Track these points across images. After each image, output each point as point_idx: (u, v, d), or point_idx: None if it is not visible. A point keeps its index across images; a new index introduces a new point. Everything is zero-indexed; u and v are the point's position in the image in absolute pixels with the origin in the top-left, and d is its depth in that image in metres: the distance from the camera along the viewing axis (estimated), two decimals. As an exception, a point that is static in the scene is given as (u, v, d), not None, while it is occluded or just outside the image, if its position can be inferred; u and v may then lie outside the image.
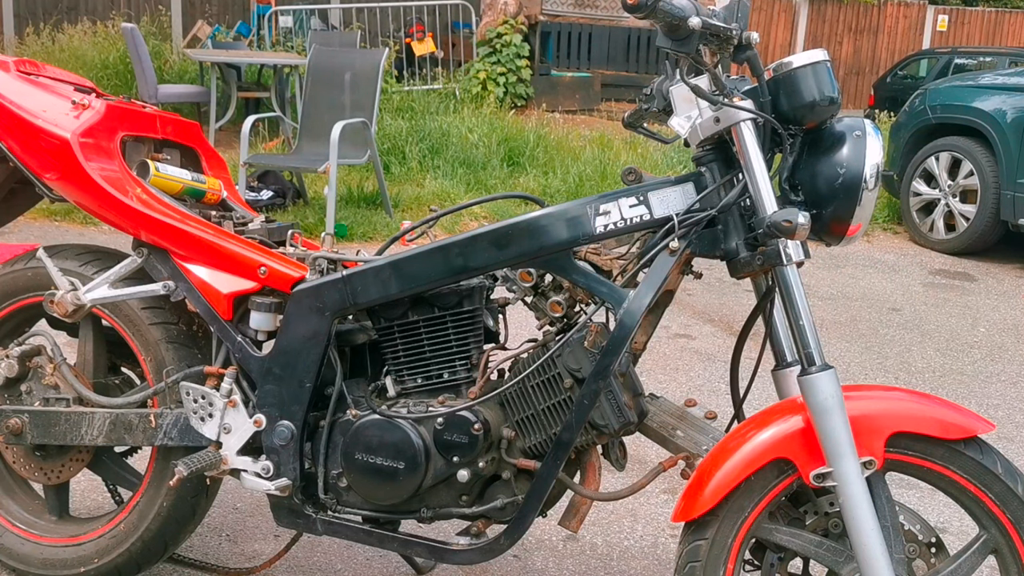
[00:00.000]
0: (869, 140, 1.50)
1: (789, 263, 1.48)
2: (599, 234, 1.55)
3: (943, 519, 2.60)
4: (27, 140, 1.79)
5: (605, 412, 1.58)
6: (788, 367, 1.64)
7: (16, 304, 1.95)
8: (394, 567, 2.22)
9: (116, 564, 1.91)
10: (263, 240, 1.82)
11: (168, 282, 1.78)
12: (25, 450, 1.96)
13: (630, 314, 1.51)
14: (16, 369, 1.90)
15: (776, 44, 14.88)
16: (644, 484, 1.66)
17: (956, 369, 3.97)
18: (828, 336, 4.28)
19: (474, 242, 1.59)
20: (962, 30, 15.79)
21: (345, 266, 1.71)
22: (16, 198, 2.10)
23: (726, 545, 1.52)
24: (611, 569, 2.30)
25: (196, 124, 2.09)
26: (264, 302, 1.72)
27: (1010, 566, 1.48)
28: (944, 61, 11.52)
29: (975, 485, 1.45)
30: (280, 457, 1.73)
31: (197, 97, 8.03)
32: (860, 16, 15.36)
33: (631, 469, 2.57)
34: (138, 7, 11.27)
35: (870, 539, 1.42)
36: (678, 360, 3.85)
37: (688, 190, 1.56)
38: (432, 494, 1.69)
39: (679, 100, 1.57)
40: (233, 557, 2.25)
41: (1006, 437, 3.21)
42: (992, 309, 4.95)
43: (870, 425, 1.45)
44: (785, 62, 1.51)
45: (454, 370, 1.70)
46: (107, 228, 4.84)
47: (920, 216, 6.39)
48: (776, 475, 1.50)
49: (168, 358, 1.82)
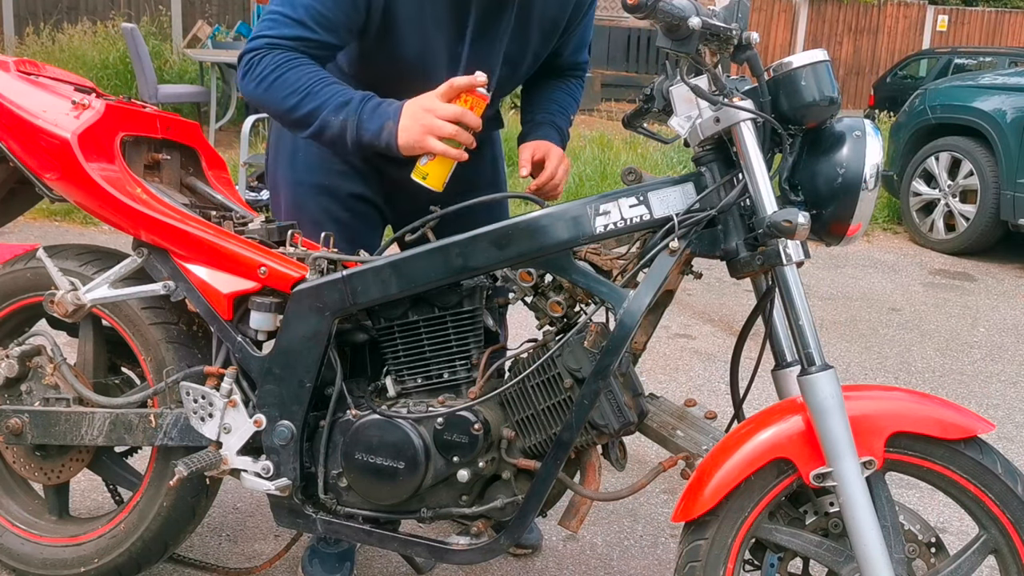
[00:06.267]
0: (869, 140, 1.50)
1: (789, 263, 1.47)
2: (599, 234, 1.55)
3: (943, 519, 2.60)
4: (27, 140, 1.79)
5: (605, 412, 1.58)
6: (788, 367, 1.64)
7: (16, 304, 1.95)
8: (394, 567, 2.22)
9: (116, 564, 1.91)
10: (263, 240, 1.82)
11: (168, 282, 1.78)
12: (25, 450, 1.96)
13: (630, 314, 1.51)
14: (16, 369, 1.90)
15: (776, 44, 14.89)
16: (644, 484, 1.66)
17: (956, 369, 3.97)
18: (828, 336, 4.28)
19: (474, 242, 1.59)
20: (962, 30, 15.80)
21: (345, 266, 1.71)
22: (16, 198, 2.10)
23: (726, 545, 1.52)
24: (611, 569, 2.30)
25: (196, 124, 2.09)
26: (264, 302, 1.72)
27: (1010, 566, 1.48)
28: (944, 61, 11.53)
29: (975, 485, 1.45)
30: (280, 457, 1.73)
31: (197, 97, 8.03)
32: (860, 16, 15.37)
33: (631, 469, 2.57)
34: (138, 7, 11.27)
35: (870, 539, 1.42)
36: (678, 360, 3.85)
37: (688, 190, 1.56)
38: (432, 494, 1.69)
39: (679, 100, 1.56)
40: (233, 557, 2.25)
41: (1006, 437, 3.22)
42: (992, 309, 4.95)
43: (870, 425, 1.45)
44: (785, 62, 1.51)
45: (454, 370, 1.70)
46: (107, 228, 4.84)
47: (920, 216, 6.40)
48: (776, 475, 1.50)
49: (168, 358, 1.82)
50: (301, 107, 1.67)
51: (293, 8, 1.69)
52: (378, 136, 1.65)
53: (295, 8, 1.69)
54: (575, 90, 2.12)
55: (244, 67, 1.72)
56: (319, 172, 1.93)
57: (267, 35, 1.70)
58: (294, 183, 1.96)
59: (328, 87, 1.67)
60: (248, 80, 1.71)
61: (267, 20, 1.71)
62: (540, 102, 2.07)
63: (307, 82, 1.66)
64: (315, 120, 1.66)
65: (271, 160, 2.03)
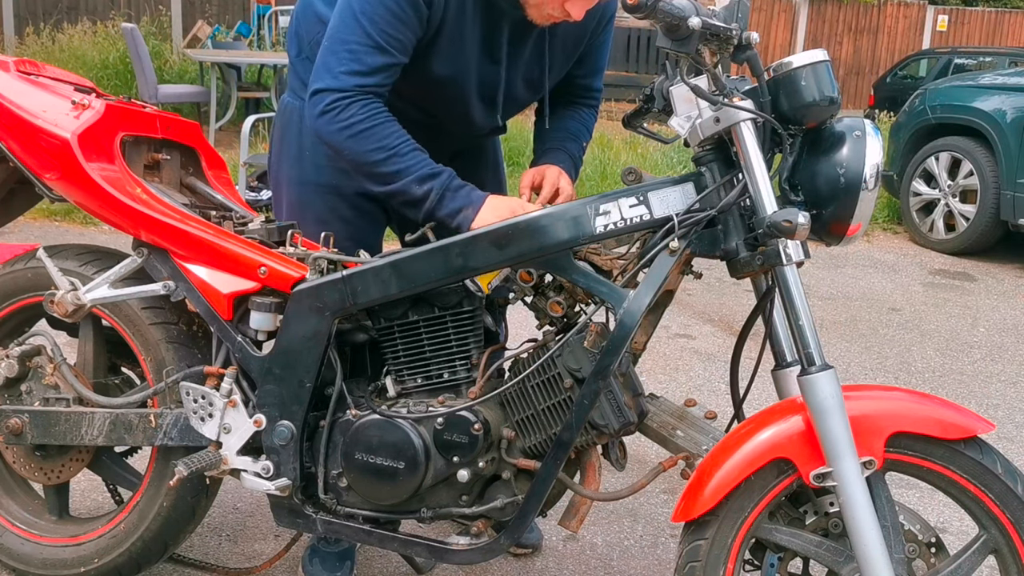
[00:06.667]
0: (869, 140, 1.50)
1: (789, 263, 1.47)
2: (599, 234, 1.55)
3: (943, 519, 2.60)
4: (27, 140, 1.79)
5: (605, 412, 1.58)
6: (788, 367, 1.64)
7: (16, 304, 1.95)
8: (394, 567, 2.22)
9: (116, 564, 1.91)
10: (263, 240, 1.82)
11: (168, 282, 1.78)
12: (25, 450, 1.96)
13: (630, 314, 1.51)
14: (16, 369, 1.90)
15: (776, 44, 14.89)
16: (644, 484, 1.66)
17: (956, 369, 3.97)
18: (828, 336, 4.28)
19: (474, 242, 1.58)
20: (962, 30, 15.79)
21: (345, 266, 1.71)
22: (16, 198, 2.10)
23: (726, 545, 1.52)
24: (611, 569, 2.30)
25: (196, 124, 2.09)
26: (264, 302, 1.71)
27: (1010, 566, 1.48)
28: (944, 61, 11.52)
29: (975, 485, 1.45)
30: (280, 457, 1.73)
31: (197, 97, 8.03)
32: (860, 16, 15.36)
33: (631, 469, 2.57)
34: (138, 7, 11.27)
35: (870, 539, 1.42)
36: (678, 360, 3.85)
37: (688, 190, 1.56)
38: (432, 494, 1.69)
39: (679, 100, 1.56)
40: (233, 557, 2.25)
41: (1006, 437, 3.22)
42: (992, 309, 4.95)
43: (870, 425, 1.45)
44: (785, 62, 1.51)
45: (454, 370, 1.70)
46: (107, 228, 4.84)
47: (920, 216, 6.40)
48: (776, 475, 1.50)
49: (168, 358, 1.82)
50: (386, 164, 1.70)
51: (368, 37, 1.67)
52: (454, 215, 1.71)
53: (370, 37, 1.67)
54: (588, 119, 2.12)
55: (327, 107, 1.70)
56: (327, 172, 1.92)
57: (354, 71, 1.69)
58: (300, 182, 1.96)
59: (414, 152, 1.71)
60: (330, 122, 1.70)
61: (344, 54, 1.68)
62: (552, 131, 2.06)
63: (395, 142, 1.70)
64: (396, 181, 1.70)
65: (275, 159, 2.03)
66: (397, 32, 1.69)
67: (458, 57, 1.78)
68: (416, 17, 1.69)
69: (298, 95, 1.95)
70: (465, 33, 1.76)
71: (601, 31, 1.97)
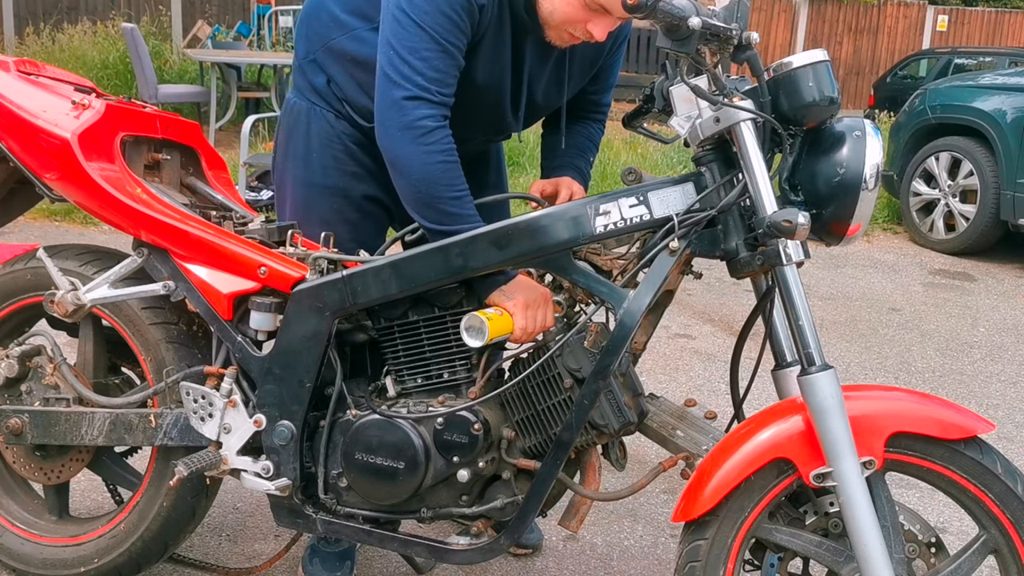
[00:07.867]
0: (869, 140, 1.50)
1: (789, 263, 1.47)
2: (599, 234, 1.55)
3: (943, 519, 2.60)
4: (27, 140, 1.79)
5: (605, 412, 1.58)
6: (788, 367, 1.64)
7: (16, 304, 1.95)
8: (394, 567, 2.22)
9: (116, 564, 1.91)
10: (263, 240, 1.82)
11: (168, 282, 1.78)
12: (25, 450, 1.96)
13: (630, 314, 1.51)
14: (16, 369, 1.90)
15: (776, 44, 14.88)
16: (644, 484, 1.66)
17: (956, 369, 3.97)
18: (828, 336, 4.28)
19: (474, 242, 1.59)
20: (962, 30, 15.79)
21: (345, 266, 1.71)
22: (16, 198, 2.10)
23: (726, 545, 1.52)
24: (611, 569, 2.30)
25: (196, 124, 2.09)
26: (264, 302, 1.72)
27: (1010, 566, 1.48)
28: (944, 61, 11.51)
29: (975, 485, 1.45)
30: (280, 457, 1.73)
31: (197, 97, 8.03)
32: (860, 16, 15.36)
33: (631, 469, 2.57)
34: (138, 7, 11.27)
35: (870, 539, 1.42)
36: (678, 360, 3.85)
37: (688, 190, 1.56)
38: (432, 494, 1.69)
39: (679, 100, 1.56)
40: (233, 557, 2.25)
41: (1006, 437, 3.22)
42: (992, 309, 4.95)
43: (870, 425, 1.45)
44: (785, 62, 1.51)
45: (454, 370, 1.70)
46: (107, 228, 4.84)
47: (920, 216, 6.39)
48: (776, 475, 1.50)
49: (168, 358, 1.82)
50: (451, 205, 1.65)
51: (436, 43, 1.63)
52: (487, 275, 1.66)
53: (438, 43, 1.63)
54: (595, 133, 2.12)
55: (413, 121, 1.63)
56: (334, 174, 1.91)
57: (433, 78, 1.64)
58: (307, 183, 1.94)
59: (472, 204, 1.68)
60: (416, 140, 1.64)
61: (419, 61, 1.63)
62: (559, 147, 2.06)
63: (464, 186, 1.67)
64: (450, 224, 1.65)
65: (279, 158, 2.01)
66: (457, 40, 1.66)
67: (495, 66, 1.77)
68: (470, 23, 1.67)
69: (304, 95, 1.94)
70: (501, 43, 1.75)
71: (616, 49, 1.97)
